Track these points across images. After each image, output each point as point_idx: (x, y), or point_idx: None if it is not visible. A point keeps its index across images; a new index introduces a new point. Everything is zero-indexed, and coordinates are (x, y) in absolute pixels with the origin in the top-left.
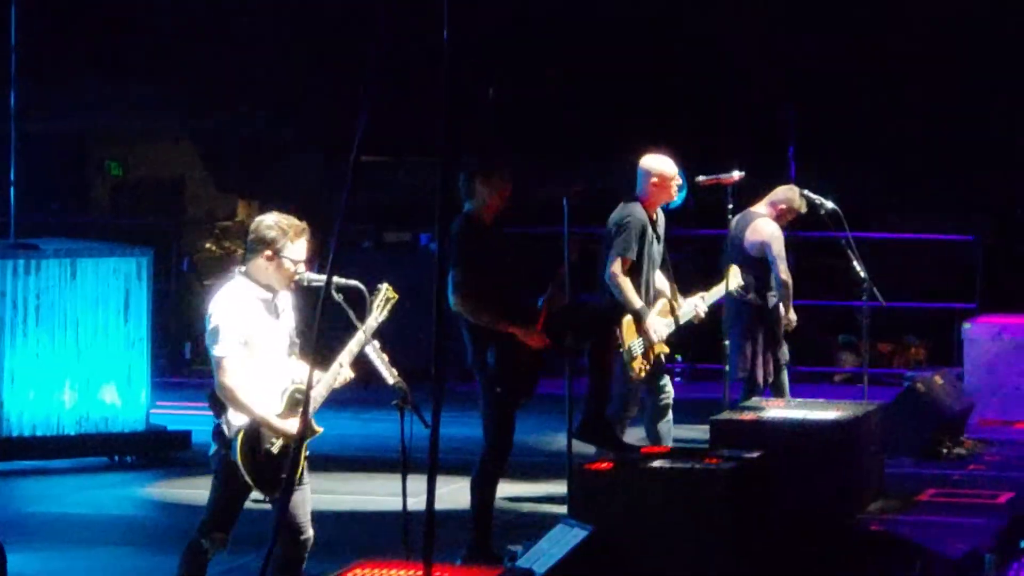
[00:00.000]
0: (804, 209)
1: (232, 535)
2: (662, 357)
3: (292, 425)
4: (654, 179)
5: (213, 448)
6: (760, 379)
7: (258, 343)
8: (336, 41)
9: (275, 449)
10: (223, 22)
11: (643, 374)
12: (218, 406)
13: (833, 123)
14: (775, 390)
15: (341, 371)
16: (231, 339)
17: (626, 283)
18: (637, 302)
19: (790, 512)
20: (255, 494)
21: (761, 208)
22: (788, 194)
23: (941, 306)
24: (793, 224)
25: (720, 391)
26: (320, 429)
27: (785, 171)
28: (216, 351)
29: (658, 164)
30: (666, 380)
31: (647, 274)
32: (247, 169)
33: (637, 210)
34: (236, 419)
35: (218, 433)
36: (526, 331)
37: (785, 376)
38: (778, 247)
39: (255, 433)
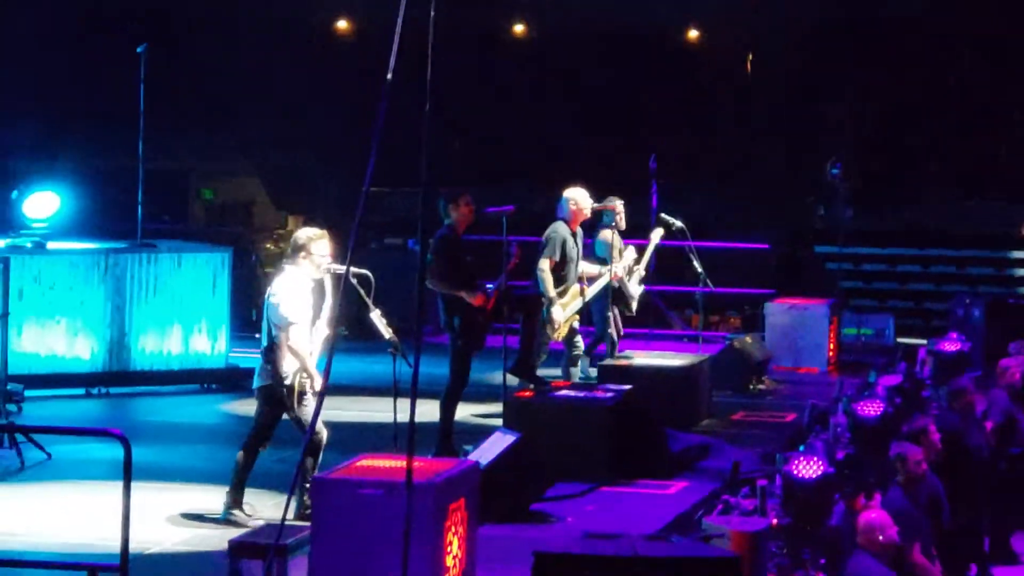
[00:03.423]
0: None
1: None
2: (574, 325)
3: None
4: (572, 206)
5: (263, 382)
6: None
7: (301, 314)
8: (354, 104)
9: (307, 386)
10: (274, 87)
11: (558, 337)
12: (274, 354)
13: (677, 167)
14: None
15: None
16: (296, 309)
17: (548, 277)
18: (551, 292)
19: (650, 425)
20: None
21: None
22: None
23: (751, 291)
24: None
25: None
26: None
27: (649, 201)
28: (291, 317)
29: (576, 195)
30: (578, 339)
31: (568, 269)
32: (295, 195)
33: (561, 227)
34: (289, 364)
35: (272, 373)
36: (473, 295)
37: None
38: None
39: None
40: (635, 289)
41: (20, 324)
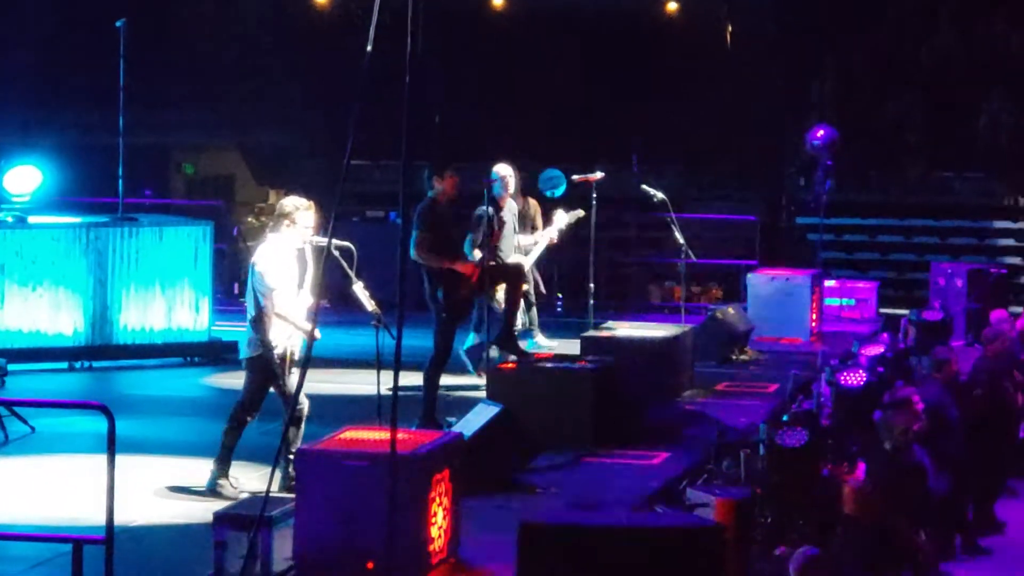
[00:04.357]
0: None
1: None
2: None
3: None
4: (500, 182)
5: (251, 352)
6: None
7: (286, 280)
8: (334, 82)
9: (297, 354)
10: (260, 68)
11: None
12: (262, 324)
13: (658, 139)
14: None
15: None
16: (279, 276)
17: (476, 255)
18: None
19: (633, 396)
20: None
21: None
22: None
23: (733, 262)
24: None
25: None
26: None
27: (631, 172)
28: (273, 284)
29: (501, 171)
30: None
31: (501, 245)
32: (276, 169)
33: (481, 208)
34: (276, 333)
35: (260, 343)
36: (459, 263)
37: None
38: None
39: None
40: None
41: (2, 298)
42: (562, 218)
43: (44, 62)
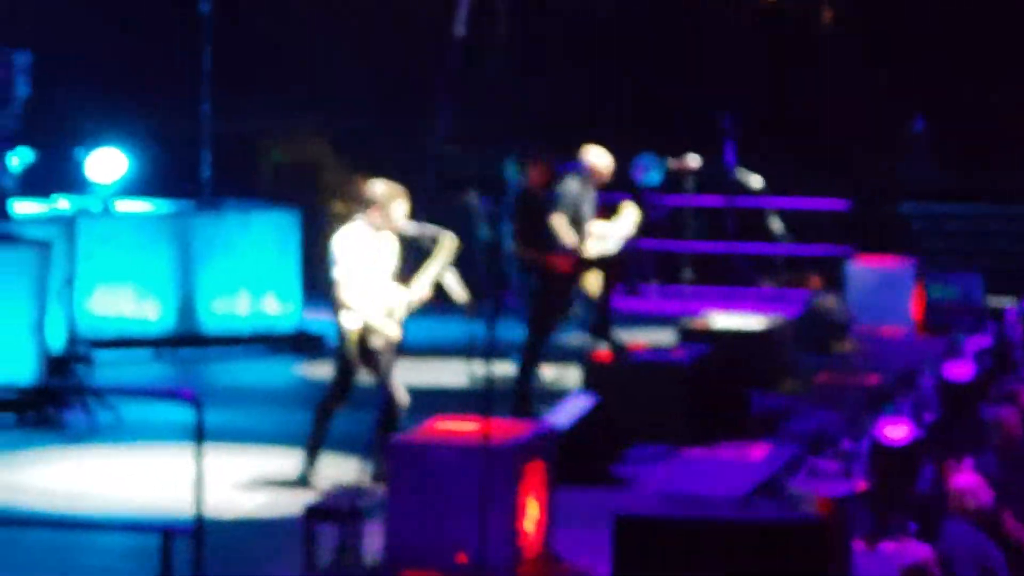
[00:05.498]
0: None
1: (350, 400)
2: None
3: (390, 328)
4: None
5: (338, 339)
6: None
7: (366, 267)
8: (420, 66)
9: (378, 344)
10: (344, 53)
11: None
12: (339, 311)
13: (754, 124)
14: None
15: (420, 290)
16: (349, 264)
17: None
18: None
19: (731, 387)
20: None
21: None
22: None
23: (830, 251)
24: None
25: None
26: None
27: (723, 159)
28: (339, 274)
29: (592, 156)
30: None
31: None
32: (363, 156)
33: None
34: (347, 320)
35: (341, 330)
36: (555, 253)
37: None
38: None
39: (363, 331)
40: None
41: (88, 287)
42: (632, 213)
43: (128, 46)
